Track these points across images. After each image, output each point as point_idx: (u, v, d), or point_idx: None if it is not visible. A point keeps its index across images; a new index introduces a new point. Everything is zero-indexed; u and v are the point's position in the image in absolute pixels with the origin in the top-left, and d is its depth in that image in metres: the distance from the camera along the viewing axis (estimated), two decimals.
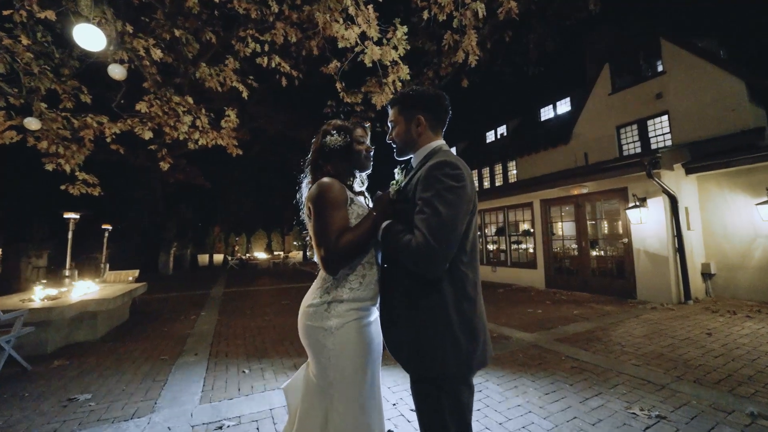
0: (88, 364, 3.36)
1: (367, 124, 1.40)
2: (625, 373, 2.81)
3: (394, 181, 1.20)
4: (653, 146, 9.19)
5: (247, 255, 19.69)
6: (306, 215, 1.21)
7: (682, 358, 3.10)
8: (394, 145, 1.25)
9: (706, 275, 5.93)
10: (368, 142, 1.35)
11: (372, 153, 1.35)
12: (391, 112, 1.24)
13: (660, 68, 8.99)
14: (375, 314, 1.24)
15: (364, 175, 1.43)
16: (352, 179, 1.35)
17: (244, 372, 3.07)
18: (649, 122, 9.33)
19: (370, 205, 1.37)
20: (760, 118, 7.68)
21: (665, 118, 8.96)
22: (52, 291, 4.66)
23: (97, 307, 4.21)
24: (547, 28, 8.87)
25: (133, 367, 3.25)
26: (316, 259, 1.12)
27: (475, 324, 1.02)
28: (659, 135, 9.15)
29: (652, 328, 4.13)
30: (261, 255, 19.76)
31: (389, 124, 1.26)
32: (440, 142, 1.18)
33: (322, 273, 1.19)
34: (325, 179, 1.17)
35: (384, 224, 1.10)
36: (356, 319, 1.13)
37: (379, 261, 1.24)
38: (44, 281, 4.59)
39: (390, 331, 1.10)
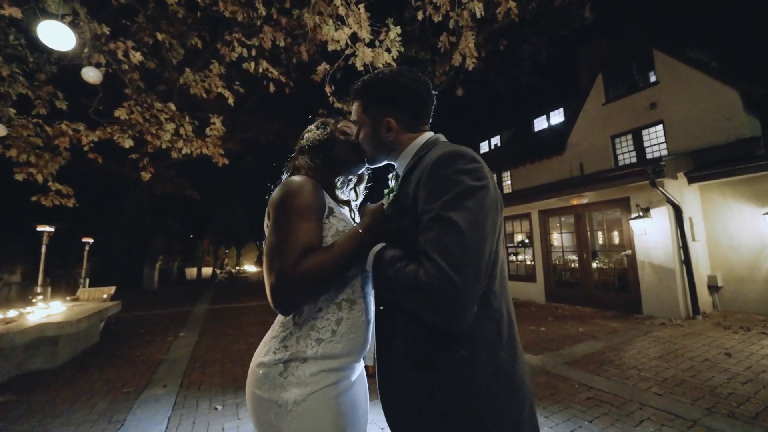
0: (39, 400, 2.93)
1: None
2: (648, 405, 2.49)
3: (389, 189, 0.89)
4: (648, 156, 9.12)
5: (237, 268, 19.12)
6: (266, 226, 0.88)
7: (707, 384, 2.80)
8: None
9: (713, 288, 5.69)
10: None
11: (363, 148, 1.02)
12: (353, 107, 0.93)
13: (653, 78, 8.99)
14: (358, 369, 0.91)
15: (360, 187, 1.12)
16: (337, 181, 1.01)
17: (216, 409, 2.68)
18: (644, 132, 9.29)
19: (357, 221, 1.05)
20: (755, 128, 7.65)
21: (660, 127, 8.92)
22: (12, 313, 4.23)
23: (57, 331, 3.79)
24: (541, 38, 8.85)
25: (89, 404, 2.83)
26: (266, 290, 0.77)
27: (518, 378, 0.71)
28: (654, 145, 9.09)
29: (666, 347, 3.84)
30: (251, 268, 19.20)
31: (354, 123, 0.97)
32: (429, 134, 0.88)
33: (280, 316, 0.86)
34: (296, 177, 0.86)
35: (375, 248, 0.78)
36: (328, 386, 0.78)
37: (368, 299, 0.90)
38: None
39: (391, 402, 0.77)
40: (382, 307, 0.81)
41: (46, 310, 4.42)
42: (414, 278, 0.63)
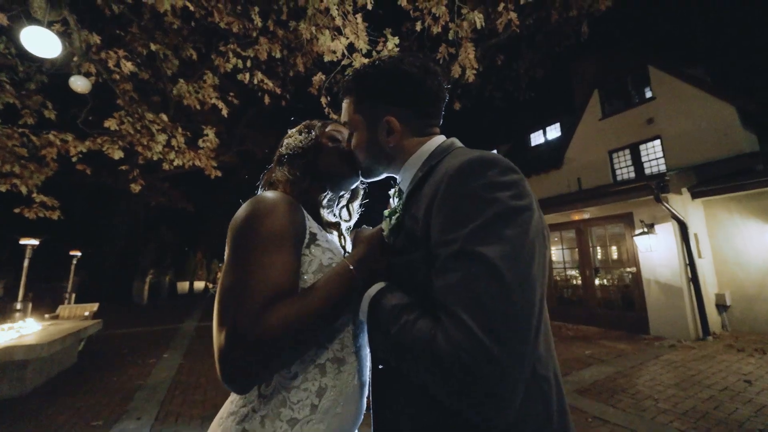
0: None
1: None
2: None
3: (389, 211, 0.68)
4: (647, 171, 9.09)
5: None
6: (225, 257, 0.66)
7: (733, 418, 2.57)
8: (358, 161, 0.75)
9: (721, 307, 5.49)
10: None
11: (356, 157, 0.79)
12: (344, 105, 0.75)
13: (649, 94, 9.04)
14: None
15: (354, 205, 0.89)
16: (323, 198, 0.79)
17: None
18: (642, 147, 9.28)
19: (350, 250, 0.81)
20: (752, 143, 7.64)
21: (657, 142, 8.92)
22: None
23: (26, 355, 3.50)
24: (537, 54, 8.93)
25: None
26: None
27: None
28: (652, 159, 9.06)
29: (680, 373, 3.61)
30: None
31: (345, 126, 0.78)
32: (441, 138, 0.68)
33: None
34: (268, 193, 0.66)
35: (372, 291, 0.58)
36: None
37: (362, 354, 0.70)
38: None
39: None
40: (381, 366, 0.60)
41: (17, 331, 4.12)
42: (429, 343, 0.43)
